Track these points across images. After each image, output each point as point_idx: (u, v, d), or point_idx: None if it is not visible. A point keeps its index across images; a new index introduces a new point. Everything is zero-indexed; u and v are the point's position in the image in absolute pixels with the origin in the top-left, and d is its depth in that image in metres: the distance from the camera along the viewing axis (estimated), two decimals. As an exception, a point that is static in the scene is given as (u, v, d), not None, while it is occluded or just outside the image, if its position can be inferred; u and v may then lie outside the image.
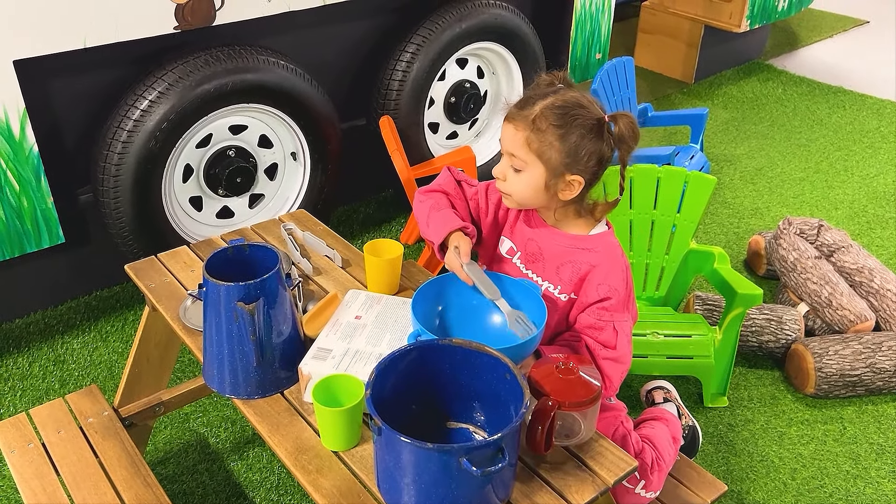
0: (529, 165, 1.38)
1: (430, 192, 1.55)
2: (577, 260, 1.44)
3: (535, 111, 1.35)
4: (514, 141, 1.38)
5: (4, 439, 1.68)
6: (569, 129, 1.35)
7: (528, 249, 1.50)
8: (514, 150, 1.39)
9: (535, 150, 1.36)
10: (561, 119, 1.34)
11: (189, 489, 2.04)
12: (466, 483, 1.09)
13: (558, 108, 1.35)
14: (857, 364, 2.31)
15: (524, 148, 1.37)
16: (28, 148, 2.14)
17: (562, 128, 1.35)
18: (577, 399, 1.23)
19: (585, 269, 1.43)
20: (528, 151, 1.37)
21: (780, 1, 4.52)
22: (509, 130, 1.39)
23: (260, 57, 2.44)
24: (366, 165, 3.03)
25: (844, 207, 3.40)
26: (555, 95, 1.37)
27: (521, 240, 1.51)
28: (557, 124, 1.35)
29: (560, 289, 1.46)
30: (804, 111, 4.32)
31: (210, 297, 1.33)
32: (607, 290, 1.40)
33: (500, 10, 3.02)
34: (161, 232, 2.47)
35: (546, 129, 1.35)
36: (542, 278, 1.48)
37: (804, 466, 2.14)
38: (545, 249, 1.48)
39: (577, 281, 1.44)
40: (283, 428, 1.32)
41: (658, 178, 2.38)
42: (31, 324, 2.58)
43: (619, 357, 1.40)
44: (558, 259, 1.46)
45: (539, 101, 1.37)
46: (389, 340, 1.42)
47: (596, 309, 1.41)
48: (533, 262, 1.50)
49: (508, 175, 1.42)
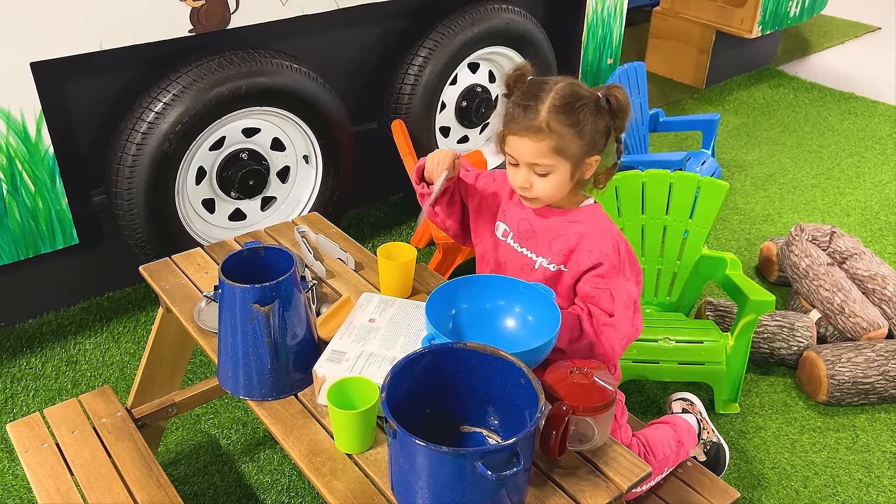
0: (555, 167, 1.40)
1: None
2: (567, 232, 1.48)
3: (543, 117, 1.37)
4: (535, 152, 1.39)
5: (19, 439, 1.69)
6: (580, 120, 1.38)
7: (520, 228, 1.54)
8: (537, 160, 1.40)
9: (558, 151, 1.39)
10: (570, 115, 1.37)
11: (200, 490, 2.04)
12: (481, 487, 1.09)
13: (563, 106, 1.37)
14: (869, 372, 2.30)
15: (547, 155, 1.39)
16: (44, 149, 2.16)
17: (575, 124, 1.37)
18: (591, 404, 1.23)
19: (575, 239, 1.47)
20: (552, 155, 1.39)
21: (792, 7, 4.52)
22: (525, 144, 1.39)
23: (273, 60, 2.45)
24: (377, 169, 3.04)
25: (856, 214, 3.39)
26: (549, 94, 1.38)
27: (514, 220, 1.55)
28: (570, 122, 1.37)
29: (551, 260, 1.50)
30: (815, 117, 4.31)
31: (226, 298, 1.34)
32: (598, 256, 1.43)
33: (511, 15, 3.02)
34: (174, 234, 2.48)
35: (561, 129, 1.37)
36: (536, 253, 1.52)
37: (816, 474, 2.13)
38: (536, 226, 1.52)
39: (567, 252, 1.47)
40: (297, 430, 1.33)
41: (670, 183, 2.38)
42: (45, 324, 2.60)
43: (616, 323, 1.41)
44: (550, 234, 1.50)
45: (539, 106, 1.37)
46: (403, 344, 1.42)
47: (591, 277, 1.44)
48: (526, 240, 1.53)
49: (533, 182, 1.43)
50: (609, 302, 1.42)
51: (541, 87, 1.40)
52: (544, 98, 1.38)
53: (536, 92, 1.39)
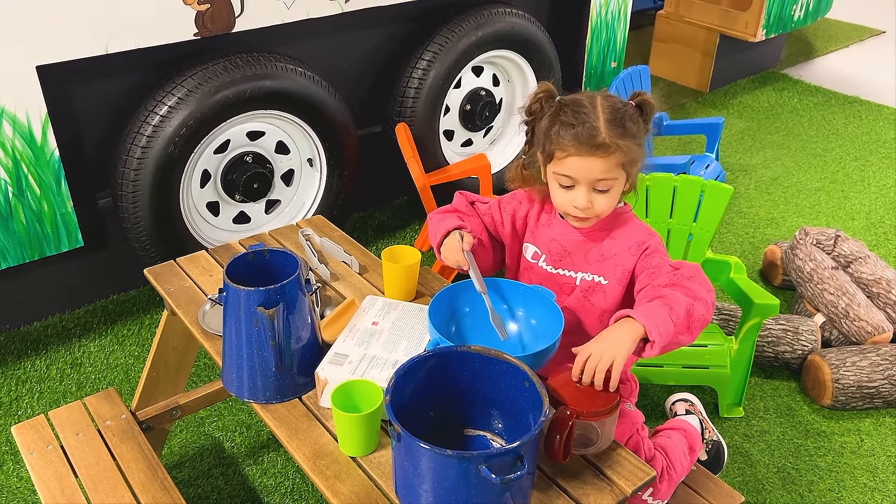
0: (617, 180, 1.40)
1: (442, 212, 1.56)
2: (598, 239, 1.47)
3: (604, 134, 1.35)
4: (603, 168, 1.37)
5: (23, 440, 1.70)
6: (632, 130, 1.38)
7: (551, 250, 1.52)
8: (604, 175, 1.37)
9: (623, 164, 1.38)
10: (626, 127, 1.37)
11: (204, 493, 2.04)
12: (485, 491, 1.09)
13: (616, 119, 1.36)
14: (874, 376, 2.30)
15: (615, 169, 1.38)
16: (49, 152, 2.16)
17: (628, 133, 1.37)
18: (595, 409, 1.23)
19: (608, 244, 1.46)
20: (617, 169, 1.38)
21: (797, 10, 4.51)
22: (592, 163, 1.36)
23: (278, 64, 2.46)
24: (381, 172, 3.04)
25: (861, 218, 3.38)
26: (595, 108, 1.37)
27: (544, 242, 1.53)
28: (629, 134, 1.37)
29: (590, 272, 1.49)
30: (820, 121, 4.30)
31: (230, 301, 1.34)
32: (638, 245, 1.44)
33: (516, 19, 3.03)
34: (178, 236, 2.48)
35: (624, 142, 1.37)
36: (575, 270, 1.50)
37: (821, 478, 2.13)
38: (567, 245, 1.50)
39: (603, 259, 1.47)
40: (301, 433, 1.33)
41: (674, 187, 2.37)
42: (49, 327, 2.60)
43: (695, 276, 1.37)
44: (583, 247, 1.49)
45: (595, 123, 1.35)
46: (406, 347, 1.42)
47: (644, 258, 1.43)
48: (560, 260, 1.51)
49: (594, 201, 1.40)
50: (675, 268, 1.40)
51: (581, 104, 1.38)
52: (594, 115, 1.36)
53: (580, 109, 1.37)
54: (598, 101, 1.39)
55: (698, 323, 1.33)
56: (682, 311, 1.30)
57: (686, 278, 1.37)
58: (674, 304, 1.31)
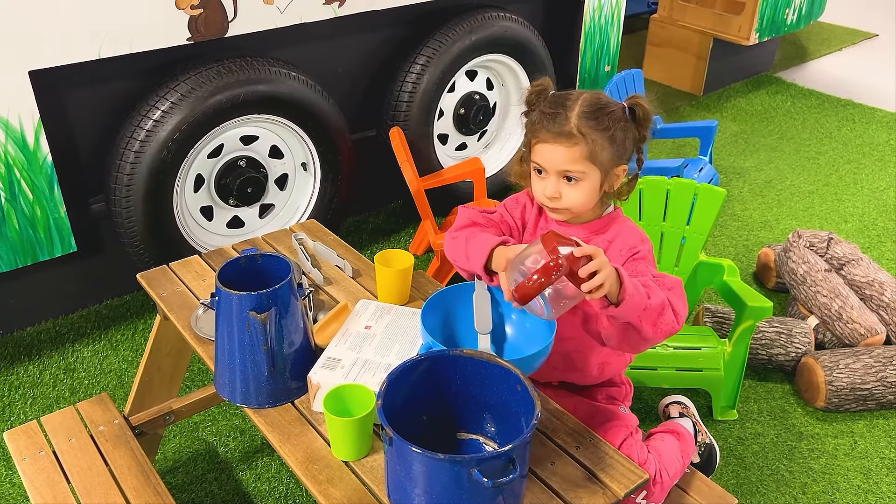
0: (586, 174, 1.39)
1: (459, 229, 1.52)
2: (594, 242, 1.47)
3: (573, 123, 1.36)
4: (567, 157, 1.37)
5: (16, 446, 1.69)
6: (610, 128, 1.37)
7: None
8: (569, 166, 1.38)
9: (590, 157, 1.38)
10: (599, 122, 1.37)
11: (198, 498, 2.04)
12: (477, 494, 1.09)
13: (592, 112, 1.37)
14: (867, 378, 2.30)
15: (580, 161, 1.38)
16: (42, 157, 2.16)
17: (606, 129, 1.37)
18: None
19: (603, 247, 1.46)
20: (584, 161, 1.38)
21: (790, 14, 4.53)
22: (557, 151, 1.38)
23: (272, 68, 2.46)
24: (375, 176, 3.04)
25: (854, 221, 3.39)
26: (577, 102, 1.39)
27: None
28: (601, 127, 1.37)
29: None
30: (813, 124, 4.32)
31: (223, 306, 1.34)
32: (629, 249, 1.43)
33: (509, 23, 3.03)
34: (172, 241, 2.48)
35: (593, 134, 1.37)
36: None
37: (815, 481, 2.13)
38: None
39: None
40: (293, 437, 1.33)
41: (667, 190, 2.38)
42: (43, 332, 2.60)
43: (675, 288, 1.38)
44: None
45: (568, 112, 1.37)
46: (399, 351, 1.42)
47: (632, 261, 1.43)
48: None
49: (563, 192, 1.41)
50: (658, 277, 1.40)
51: (566, 97, 1.40)
52: (572, 105, 1.38)
53: (562, 101, 1.40)
54: (584, 96, 1.40)
55: (664, 325, 1.33)
56: (656, 302, 1.31)
57: (667, 288, 1.37)
58: (652, 293, 1.31)
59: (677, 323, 1.35)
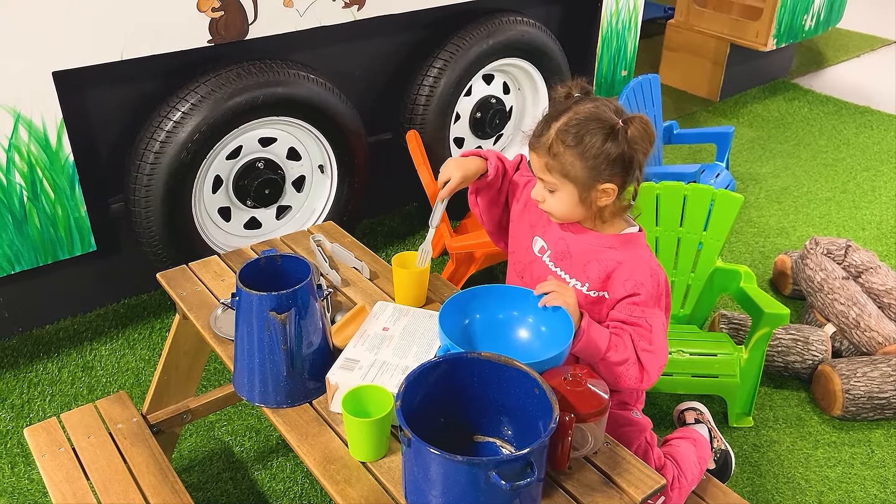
0: (559, 186, 1.44)
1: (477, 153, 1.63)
2: (604, 258, 1.47)
3: (550, 136, 1.41)
4: (539, 167, 1.45)
5: (36, 443, 1.71)
6: (584, 144, 1.38)
7: (557, 248, 1.54)
8: (542, 176, 1.45)
9: (559, 172, 1.42)
10: (575, 138, 1.39)
11: (213, 497, 2.05)
12: (495, 497, 1.10)
13: (572, 128, 1.39)
14: (885, 386, 2.29)
15: (548, 173, 1.43)
16: (64, 157, 2.19)
17: (577, 146, 1.39)
18: (590, 411, 1.23)
19: (612, 266, 1.46)
20: (554, 174, 1.42)
21: (808, 20, 4.51)
22: (533, 158, 1.46)
23: (290, 71, 2.48)
24: (391, 179, 3.05)
25: (872, 228, 3.37)
26: (568, 114, 1.41)
27: (553, 239, 1.55)
28: (573, 144, 1.39)
29: (588, 286, 1.49)
30: (830, 130, 4.29)
31: (243, 306, 1.35)
32: (633, 286, 1.43)
33: (526, 27, 3.04)
34: (190, 242, 2.50)
35: (563, 151, 1.39)
36: (570, 275, 1.51)
37: (831, 489, 2.12)
38: (573, 248, 1.51)
39: (604, 278, 1.47)
40: (311, 437, 1.34)
41: (684, 195, 2.37)
42: (61, 330, 2.62)
43: (656, 350, 1.41)
44: (585, 257, 1.49)
45: (553, 124, 1.41)
46: (416, 352, 1.43)
47: (627, 304, 1.44)
48: (561, 260, 1.53)
49: (545, 197, 1.47)
50: (647, 331, 1.42)
51: (564, 108, 1.43)
52: (560, 117, 1.41)
53: (561, 110, 1.42)
54: (579, 108, 1.41)
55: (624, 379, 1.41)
56: (618, 358, 1.39)
57: (643, 348, 1.41)
58: (618, 348, 1.39)
59: (641, 381, 1.41)
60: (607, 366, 1.39)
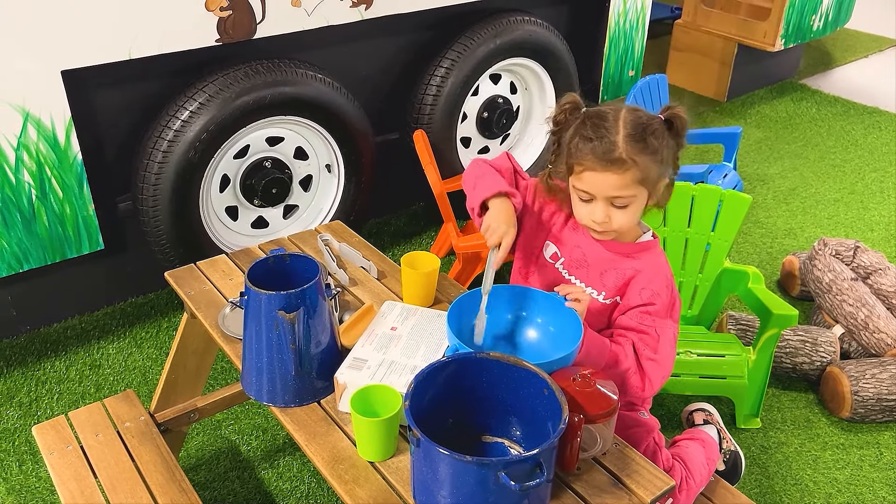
0: (636, 196, 1.39)
1: (486, 163, 1.54)
2: (621, 266, 1.46)
3: (621, 148, 1.34)
4: (618, 184, 1.36)
5: (44, 441, 1.71)
6: (654, 146, 1.36)
7: (572, 256, 1.52)
8: (620, 192, 1.37)
9: (641, 181, 1.37)
10: (643, 141, 1.35)
11: (220, 496, 2.05)
12: (503, 498, 1.09)
13: (636, 134, 1.35)
14: (894, 388, 2.27)
15: (631, 186, 1.36)
16: (72, 156, 2.19)
17: (649, 149, 1.35)
18: (599, 412, 1.23)
19: (630, 274, 1.45)
20: (635, 185, 1.37)
21: (815, 20, 4.49)
22: (608, 179, 1.36)
23: (298, 70, 2.48)
24: (398, 178, 3.05)
25: (880, 229, 3.36)
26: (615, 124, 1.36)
27: (568, 246, 1.53)
28: (649, 150, 1.35)
29: (604, 294, 1.48)
30: (839, 131, 4.28)
31: (251, 305, 1.35)
32: (650, 295, 1.42)
33: (534, 27, 3.03)
34: (197, 240, 2.50)
35: (642, 158, 1.35)
36: (586, 284, 1.50)
37: (839, 491, 2.11)
38: (590, 256, 1.50)
39: (622, 285, 1.46)
40: (319, 437, 1.33)
41: (692, 196, 2.37)
42: (69, 328, 2.63)
43: (661, 360, 1.41)
44: (602, 266, 1.48)
45: (614, 137, 1.35)
46: (424, 352, 1.43)
47: (639, 313, 1.43)
48: (577, 268, 1.51)
49: (612, 216, 1.40)
50: (654, 340, 1.41)
51: (604, 118, 1.37)
52: (614, 128, 1.35)
53: (602, 123, 1.36)
54: (622, 115, 1.37)
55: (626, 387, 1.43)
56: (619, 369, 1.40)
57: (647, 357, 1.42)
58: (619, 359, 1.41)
59: (642, 390, 1.42)
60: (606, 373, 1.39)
